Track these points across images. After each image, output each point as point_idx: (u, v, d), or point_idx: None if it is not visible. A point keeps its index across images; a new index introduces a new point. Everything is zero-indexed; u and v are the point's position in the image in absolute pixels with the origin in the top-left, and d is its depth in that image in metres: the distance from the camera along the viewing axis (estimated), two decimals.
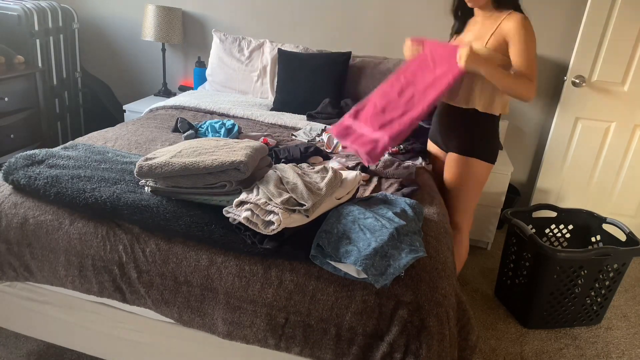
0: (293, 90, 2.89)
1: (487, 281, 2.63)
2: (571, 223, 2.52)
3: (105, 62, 3.70)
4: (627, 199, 3.06)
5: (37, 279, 1.52)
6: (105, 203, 1.45)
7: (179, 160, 1.48)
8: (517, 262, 2.29)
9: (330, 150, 2.24)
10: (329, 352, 1.33)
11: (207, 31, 3.43)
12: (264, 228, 1.33)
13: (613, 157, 2.99)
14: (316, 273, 1.33)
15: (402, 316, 1.28)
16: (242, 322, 1.35)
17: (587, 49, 2.82)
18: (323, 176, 1.54)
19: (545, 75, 3.04)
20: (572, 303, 2.22)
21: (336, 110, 2.74)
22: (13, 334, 1.90)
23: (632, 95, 2.86)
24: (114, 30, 3.59)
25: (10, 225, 1.49)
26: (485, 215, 2.86)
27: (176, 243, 1.42)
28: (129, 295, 1.44)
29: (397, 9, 3.10)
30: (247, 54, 3.16)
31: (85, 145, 1.89)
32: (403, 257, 1.32)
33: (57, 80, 3.28)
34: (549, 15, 2.92)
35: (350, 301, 1.30)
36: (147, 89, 3.71)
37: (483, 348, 2.10)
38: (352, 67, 2.98)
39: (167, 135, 2.24)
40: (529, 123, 3.17)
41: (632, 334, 2.32)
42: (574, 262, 2.10)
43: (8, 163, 1.61)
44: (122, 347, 1.58)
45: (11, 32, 2.94)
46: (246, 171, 1.46)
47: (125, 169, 1.69)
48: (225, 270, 1.36)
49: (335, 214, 1.47)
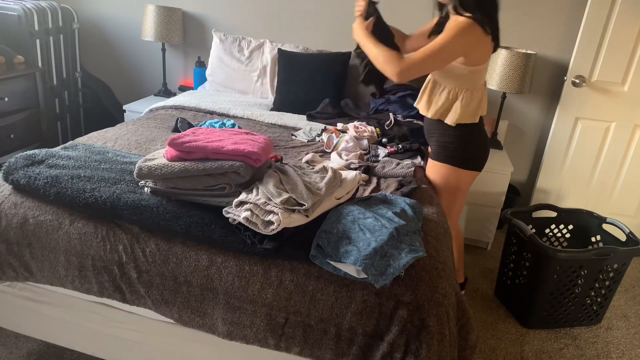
0: (293, 90, 2.89)
1: (487, 281, 2.63)
2: (571, 223, 2.52)
3: (105, 62, 3.70)
4: (627, 199, 3.06)
5: (37, 279, 1.52)
6: (105, 203, 1.45)
7: (179, 162, 1.48)
8: (517, 262, 2.29)
9: (330, 150, 2.24)
10: (329, 352, 1.33)
11: (207, 31, 3.43)
12: (263, 228, 1.33)
13: (613, 157, 2.99)
14: (316, 273, 1.33)
15: (402, 316, 1.28)
16: (242, 322, 1.35)
17: (587, 49, 2.82)
18: (322, 176, 1.54)
19: (545, 75, 3.04)
20: (572, 303, 2.22)
21: (336, 110, 2.74)
22: (13, 334, 1.90)
23: (632, 95, 2.86)
24: (114, 30, 3.59)
25: (10, 225, 1.49)
26: (485, 215, 2.86)
27: (176, 243, 1.42)
28: (129, 295, 1.44)
29: (397, 9, 3.10)
30: (247, 54, 3.16)
31: (85, 145, 1.89)
32: (403, 257, 1.32)
33: (57, 80, 3.28)
34: (549, 15, 2.92)
35: (350, 301, 1.30)
36: (147, 89, 3.71)
37: (483, 348, 2.10)
38: (352, 67, 2.98)
39: (167, 135, 2.24)
40: (529, 123, 3.17)
41: (632, 334, 2.32)
42: (574, 262, 2.10)
43: (8, 163, 1.61)
44: (122, 347, 1.58)
45: (11, 32, 2.94)
46: (246, 175, 1.46)
47: (125, 169, 1.69)
48: (225, 270, 1.36)
49: (335, 214, 1.47)
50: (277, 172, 1.54)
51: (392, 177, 1.98)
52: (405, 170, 1.99)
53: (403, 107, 2.60)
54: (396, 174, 1.98)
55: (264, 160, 1.55)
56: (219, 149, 1.48)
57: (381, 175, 2.00)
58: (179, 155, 1.49)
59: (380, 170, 2.01)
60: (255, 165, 1.51)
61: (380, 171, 2.01)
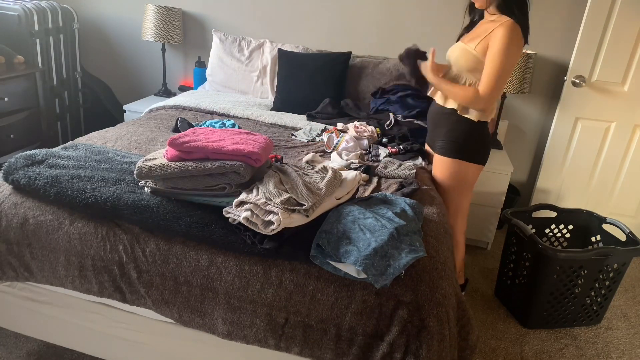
0: (293, 90, 2.89)
1: (487, 281, 2.63)
2: (571, 223, 2.52)
3: (105, 62, 3.70)
4: (627, 199, 3.06)
5: (37, 279, 1.52)
6: (105, 203, 1.45)
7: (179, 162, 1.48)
8: (517, 262, 2.29)
9: (330, 150, 2.24)
10: (328, 352, 1.33)
11: (207, 31, 3.43)
12: (263, 228, 1.33)
13: (613, 157, 2.99)
14: (316, 273, 1.33)
15: (402, 316, 1.28)
16: (242, 322, 1.35)
17: (587, 49, 2.82)
18: (323, 176, 1.54)
19: (545, 75, 3.04)
20: (572, 303, 2.22)
21: (336, 110, 2.74)
22: (13, 334, 1.90)
23: (632, 95, 2.86)
24: (114, 30, 3.59)
25: (10, 225, 1.49)
26: (485, 215, 2.87)
27: (176, 243, 1.42)
28: (129, 295, 1.44)
29: (397, 9, 3.10)
30: (247, 54, 3.16)
31: (85, 146, 1.89)
32: (403, 257, 1.32)
33: (57, 80, 3.28)
34: (549, 15, 2.92)
35: (350, 301, 1.30)
36: (147, 89, 3.71)
37: (483, 348, 2.10)
38: (352, 67, 2.98)
39: (167, 135, 2.24)
40: (529, 123, 3.17)
41: (632, 334, 2.32)
42: (574, 262, 2.10)
43: (8, 163, 1.61)
44: (122, 347, 1.58)
45: (11, 32, 2.93)
46: (246, 175, 1.46)
47: (125, 169, 1.69)
48: (225, 270, 1.36)
49: (335, 214, 1.47)
50: (277, 172, 1.54)
51: (393, 178, 1.98)
52: (407, 172, 1.99)
53: (403, 107, 2.60)
54: (397, 176, 1.98)
55: (264, 160, 1.56)
56: (219, 149, 1.48)
57: (382, 175, 2.00)
58: (179, 155, 1.49)
59: (381, 170, 2.01)
60: (255, 165, 1.51)
61: (381, 171, 2.01)
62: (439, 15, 3.05)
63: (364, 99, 2.96)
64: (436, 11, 3.05)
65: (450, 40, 3.07)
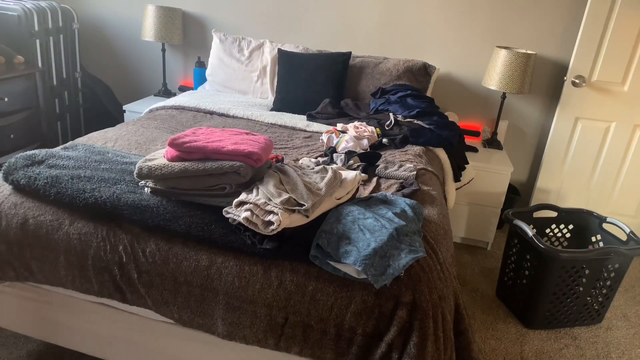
0: (293, 90, 2.89)
1: (487, 281, 2.63)
2: (571, 223, 2.52)
3: (105, 62, 3.70)
4: (627, 199, 3.06)
5: (37, 279, 1.52)
6: (105, 203, 1.45)
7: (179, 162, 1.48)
8: (519, 263, 2.29)
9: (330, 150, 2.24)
10: (328, 352, 1.33)
11: (207, 31, 3.43)
12: (263, 228, 1.33)
13: (613, 157, 2.99)
14: (316, 273, 1.33)
15: (401, 316, 1.28)
16: (242, 322, 1.35)
17: (587, 49, 2.81)
18: (323, 176, 1.54)
19: (545, 75, 3.04)
20: (574, 303, 2.22)
21: (336, 110, 2.74)
22: (13, 334, 1.90)
23: (632, 95, 2.86)
24: (114, 30, 3.59)
25: (10, 225, 1.49)
26: (485, 215, 2.86)
27: (176, 243, 1.42)
28: (129, 296, 1.44)
29: (397, 9, 3.10)
30: (247, 54, 3.16)
31: (85, 146, 1.89)
32: (402, 258, 1.32)
33: (57, 80, 3.28)
34: (549, 15, 2.92)
35: (349, 301, 1.30)
36: (147, 89, 3.71)
37: (483, 348, 2.10)
38: (352, 67, 2.98)
39: (167, 135, 2.24)
40: (529, 123, 3.17)
41: (632, 334, 2.32)
42: (576, 262, 2.10)
43: (8, 163, 1.61)
44: (122, 347, 1.58)
45: (11, 32, 2.93)
46: (246, 175, 1.46)
47: (125, 170, 1.69)
48: (225, 270, 1.36)
49: (335, 214, 1.47)
50: (277, 172, 1.54)
51: (394, 179, 1.98)
52: (407, 173, 1.99)
53: (403, 107, 2.60)
54: (398, 176, 1.98)
55: (264, 161, 1.55)
56: (219, 149, 1.48)
57: (383, 176, 2.00)
58: (179, 156, 1.49)
59: (382, 170, 2.01)
60: (255, 166, 1.51)
61: (382, 172, 2.01)
62: (438, 15, 3.05)
63: (364, 99, 2.96)
64: (436, 11, 3.05)
65: (450, 40, 3.08)
